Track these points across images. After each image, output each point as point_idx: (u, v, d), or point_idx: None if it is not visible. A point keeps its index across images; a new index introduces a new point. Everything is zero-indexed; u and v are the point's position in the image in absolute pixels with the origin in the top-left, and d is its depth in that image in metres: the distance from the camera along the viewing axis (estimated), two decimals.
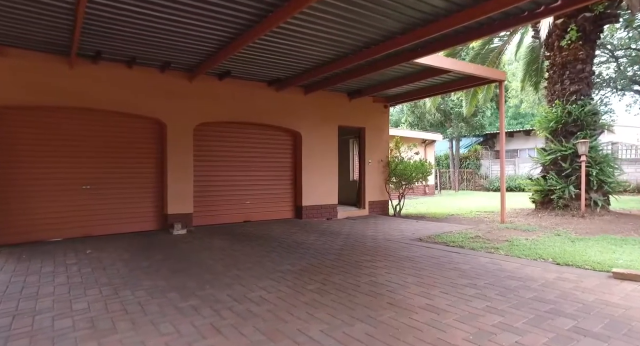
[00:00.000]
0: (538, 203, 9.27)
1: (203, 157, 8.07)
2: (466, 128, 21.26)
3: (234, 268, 4.70)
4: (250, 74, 7.91)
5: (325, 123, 9.60)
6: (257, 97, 8.51)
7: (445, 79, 8.67)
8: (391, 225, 8.36)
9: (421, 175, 10.21)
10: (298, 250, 5.81)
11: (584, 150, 8.07)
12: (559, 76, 9.11)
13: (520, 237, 6.47)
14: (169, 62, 6.75)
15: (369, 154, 10.45)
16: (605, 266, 4.44)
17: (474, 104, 13.21)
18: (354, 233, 7.31)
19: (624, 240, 6.10)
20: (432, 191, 19.73)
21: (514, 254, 5.22)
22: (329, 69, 7.15)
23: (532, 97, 17.03)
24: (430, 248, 5.84)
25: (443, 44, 6.01)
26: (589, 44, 8.89)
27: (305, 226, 8.29)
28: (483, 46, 12.18)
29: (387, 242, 6.37)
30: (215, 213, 8.23)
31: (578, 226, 7.48)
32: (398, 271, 4.50)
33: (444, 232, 7.19)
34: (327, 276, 4.33)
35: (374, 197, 10.49)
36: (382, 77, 8.51)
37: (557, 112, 8.88)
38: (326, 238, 6.84)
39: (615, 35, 14.19)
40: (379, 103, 10.68)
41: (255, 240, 6.58)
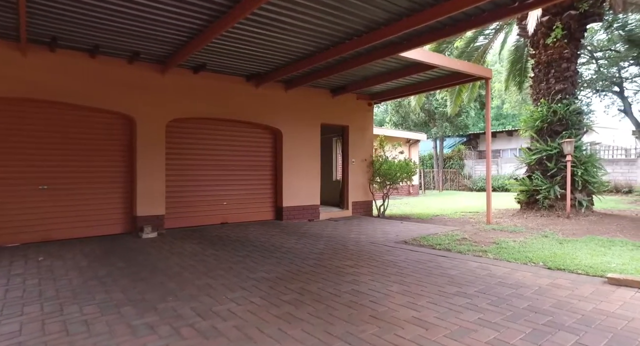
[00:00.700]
0: (523, 203, 9.13)
1: (177, 155, 7.58)
2: (450, 128, 21.24)
3: (203, 275, 4.28)
4: (228, 68, 7.46)
5: (307, 121, 9.23)
6: (235, 92, 8.07)
7: (431, 75, 8.43)
8: (375, 227, 8.05)
9: (406, 175, 9.96)
10: (276, 254, 5.42)
11: (569, 150, 7.95)
12: (545, 75, 8.99)
13: (508, 239, 6.25)
14: (137, 53, 6.24)
15: (352, 153, 10.14)
16: (599, 271, 4.21)
17: (458, 104, 13.07)
18: (336, 236, 6.97)
19: (611, 242, 5.95)
20: (417, 191, 19.62)
21: (503, 258, 4.97)
22: (310, 63, 6.79)
23: (516, 97, 17.09)
24: (416, 251, 5.54)
25: (429, 36, 5.72)
26: (573, 42, 8.80)
27: (285, 228, 7.90)
28: (467, 45, 12.05)
29: (370, 245, 6.05)
30: (190, 214, 7.75)
31: (564, 227, 7.33)
32: (382, 278, 4.17)
33: (430, 234, 6.92)
34: (305, 284, 3.96)
35: (357, 197, 10.18)
36: (366, 72, 8.20)
37: (542, 111, 8.76)
38: (306, 241, 6.46)
39: (594, 37, 14.31)
40: (363, 101, 10.38)
41: (231, 244, 6.15)
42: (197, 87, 7.53)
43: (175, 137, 7.55)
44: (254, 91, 8.34)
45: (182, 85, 7.33)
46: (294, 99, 8.98)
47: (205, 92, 7.67)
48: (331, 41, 6.04)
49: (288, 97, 8.88)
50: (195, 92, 7.51)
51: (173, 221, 7.43)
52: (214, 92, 7.79)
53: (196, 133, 7.90)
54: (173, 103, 7.22)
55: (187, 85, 7.40)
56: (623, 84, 14.63)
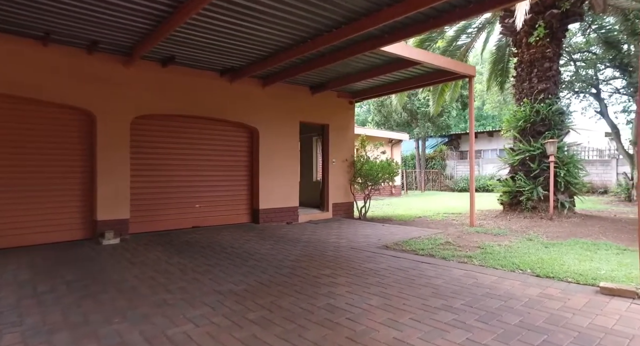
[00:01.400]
0: (506, 204, 8.98)
1: (144, 155, 7.04)
2: (432, 128, 21.20)
3: (163, 289, 3.82)
4: (199, 61, 6.97)
5: (285, 119, 8.82)
6: (208, 88, 7.58)
7: (414, 73, 8.16)
8: (356, 230, 7.71)
9: (388, 175, 9.68)
10: (248, 262, 5.00)
11: (552, 150, 7.82)
12: (527, 74, 8.87)
13: (492, 243, 6.01)
14: (96, 42, 5.69)
15: (333, 153, 9.78)
16: (589, 279, 3.98)
17: (441, 103, 12.91)
18: (314, 240, 6.59)
19: (596, 245, 5.79)
20: (399, 191, 19.46)
21: (489, 264, 4.69)
22: (286, 57, 6.38)
23: (497, 98, 17.14)
24: (398, 258, 5.21)
25: (412, 29, 5.41)
26: (555, 41, 8.70)
27: (261, 232, 7.47)
28: (450, 44, 11.89)
29: (350, 251, 5.69)
30: (158, 218, 7.22)
31: (548, 229, 7.17)
32: (361, 289, 3.81)
33: (412, 238, 6.62)
34: (276, 298, 3.56)
35: (338, 198, 9.83)
36: (347, 69, 7.85)
37: (526, 111, 8.62)
38: (283, 246, 6.06)
39: (572, 39, 14.42)
40: (343, 99, 10.03)
41: (200, 251, 5.69)
42: (165, 82, 7.01)
43: (142, 135, 7.00)
44: (228, 87, 7.87)
45: (149, 80, 6.79)
46: (272, 96, 8.55)
47: (175, 87, 7.15)
48: (309, 33, 5.66)
49: (265, 93, 8.45)
50: (163, 87, 6.99)
51: (139, 225, 6.89)
52: (185, 88, 7.28)
53: (165, 131, 7.37)
54: (139, 99, 6.68)
55: (154, 80, 6.87)
56: (599, 86, 14.80)
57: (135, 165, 6.86)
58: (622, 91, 15.14)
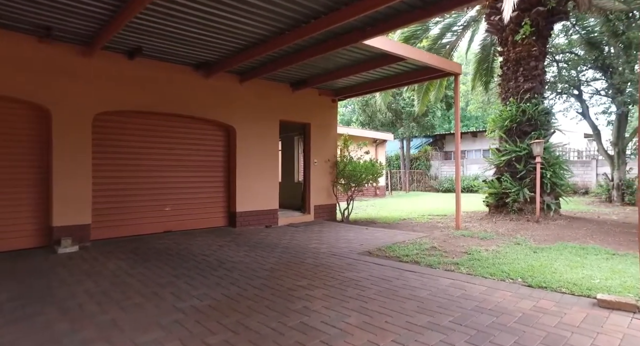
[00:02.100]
0: (492, 206, 8.78)
1: (109, 154, 6.51)
2: (417, 128, 21.07)
3: (115, 307, 3.36)
4: (171, 54, 6.49)
5: (264, 118, 8.39)
6: (181, 83, 7.09)
7: (398, 70, 7.85)
8: (338, 234, 7.35)
9: (371, 176, 9.36)
10: (218, 271, 4.57)
11: (539, 151, 7.64)
12: (513, 73, 8.68)
13: (479, 248, 5.73)
14: (48, 28, 5.14)
15: (315, 153, 9.40)
16: (584, 289, 3.71)
17: (426, 103, 12.70)
18: (293, 246, 6.19)
19: (585, 249, 5.58)
20: (383, 192, 19.23)
21: (478, 272, 4.39)
22: (264, 50, 5.97)
23: (481, 98, 17.10)
24: (381, 265, 4.87)
25: (395, 21, 5.08)
26: (541, 40, 8.55)
27: (238, 236, 7.03)
28: (434, 42, 11.66)
29: (330, 258, 5.32)
30: (126, 223, 6.70)
31: (535, 232, 6.97)
32: (340, 304, 3.44)
33: (396, 242, 6.30)
34: (243, 316, 3.15)
35: (320, 200, 9.45)
36: (329, 65, 7.48)
37: (512, 110, 8.43)
38: (258, 253, 5.64)
39: (555, 40, 14.42)
40: (326, 97, 9.67)
41: (168, 258, 5.22)
42: (133, 76, 6.50)
43: (108, 133, 6.47)
44: (203, 83, 7.39)
45: (113, 72, 6.27)
46: (250, 93, 8.11)
47: (145, 82, 6.65)
48: (287, 24, 5.26)
49: (243, 90, 8.00)
50: (131, 82, 6.47)
51: (103, 231, 6.36)
52: (156, 82, 6.78)
53: (135, 129, 6.85)
54: (102, 93, 6.14)
55: (120, 73, 6.34)
56: (581, 87, 14.87)
57: (99, 165, 6.32)
58: (603, 93, 15.27)
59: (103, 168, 6.39)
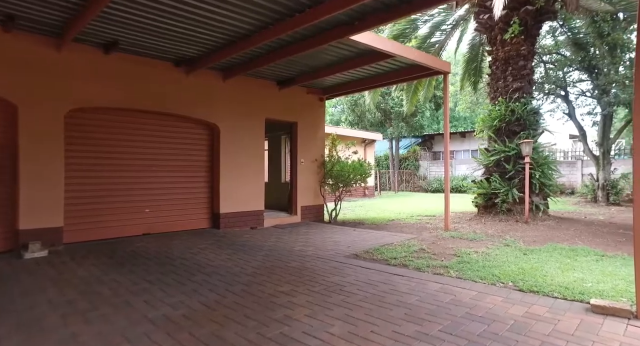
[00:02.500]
0: (481, 207, 8.69)
1: (85, 153, 6.19)
2: (406, 128, 21.02)
3: (79, 318, 3.10)
4: (149, 48, 6.20)
5: (249, 116, 8.14)
6: (162, 79, 6.81)
7: (387, 68, 7.69)
8: (324, 235, 7.16)
9: (360, 176, 9.18)
10: (196, 277, 4.33)
11: (528, 151, 7.56)
12: (502, 72, 8.62)
13: (469, 250, 5.60)
14: (11, 16, 4.81)
15: (302, 153, 9.19)
16: (576, 293, 3.58)
17: (415, 102, 12.60)
18: (278, 248, 5.97)
19: (574, 251, 5.49)
20: (372, 192, 19.12)
21: (468, 276, 4.24)
22: (248, 45, 5.74)
23: (470, 98, 17.12)
24: (368, 269, 4.68)
25: (384, 16, 4.91)
26: (530, 39, 8.50)
27: (221, 239, 6.78)
28: (423, 41, 11.57)
29: (315, 261, 5.12)
30: (102, 225, 6.38)
31: (524, 233, 6.88)
32: (323, 312, 3.24)
33: (384, 244, 6.13)
34: (219, 327, 2.93)
35: (307, 201, 9.25)
36: (316, 62, 7.28)
37: (501, 110, 8.35)
38: (241, 256, 5.41)
39: (541, 41, 14.49)
40: (313, 96, 9.47)
41: (145, 263, 4.95)
42: (109, 71, 6.20)
43: (80, 130, 6.16)
44: (184, 79, 7.12)
45: (87, 67, 5.95)
46: (234, 90, 7.86)
47: (123, 78, 6.35)
48: (271, 17, 5.05)
49: (227, 87, 7.75)
50: (107, 77, 6.17)
51: (78, 234, 6.04)
52: (135, 78, 6.49)
53: (111, 127, 6.54)
54: (75, 89, 5.83)
55: (95, 68, 6.04)
56: (567, 88, 14.97)
57: (74, 164, 6.01)
58: (588, 94, 15.41)
59: (77, 168, 6.07)
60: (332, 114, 38.99)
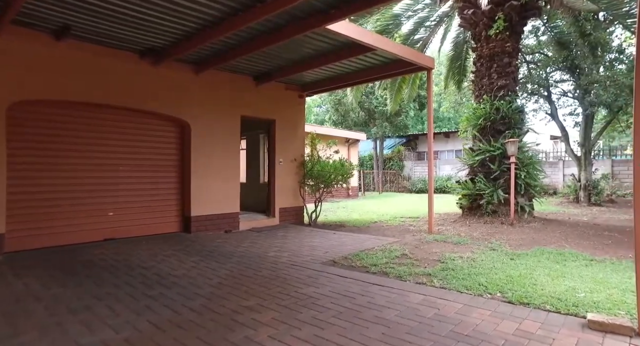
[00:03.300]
0: (466, 208, 8.42)
1: (33, 151, 5.62)
2: (390, 128, 20.78)
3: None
4: (108, 36, 5.67)
5: (224, 113, 7.66)
6: (124, 71, 6.28)
7: (368, 63, 7.33)
8: (302, 239, 6.74)
9: (341, 176, 8.80)
10: (153, 290, 3.86)
11: (513, 151, 7.32)
12: (487, 69, 8.37)
13: (454, 255, 5.27)
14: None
15: (280, 152, 8.76)
16: (570, 305, 3.26)
17: (399, 101, 12.31)
18: (250, 254, 5.53)
19: (562, 255, 5.23)
20: (356, 193, 18.80)
21: (452, 286, 3.89)
22: (217, 33, 5.28)
23: (454, 98, 17.00)
24: (345, 278, 4.29)
25: (361, 3, 4.52)
26: (515, 36, 8.29)
27: (191, 244, 6.29)
28: (407, 38, 11.29)
29: (289, 269, 4.70)
30: (56, 230, 5.81)
31: (510, 236, 6.62)
32: (290, 331, 2.82)
33: (365, 249, 5.76)
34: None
35: (286, 202, 8.81)
36: (293, 55, 6.87)
37: (486, 108, 8.10)
38: (209, 263, 4.95)
39: (525, 41, 14.42)
40: (293, 92, 9.04)
41: (98, 274, 4.44)
42: (62, 60, 5.64)
43: (31, 126, 5.59)
44: (151, 72, 6.60)
45: (33, 55, 5.37)
46: (207, 85, 7.37)
47: (78, 68, 5.80)
48: (241, 3, 4.61)
49: (199, 82, 7.25)
50: (59, 67, 5.61)
51: (24, 241, 5.46)
52: (92, 69, 5.94)
53: (67, 122, 5.97)
54: (17, 79, 5.24)
55: (44, 55, 5.46)
56: (550, 88, 14.95)
57: (19, 163, 5.43)
58: (570, 94, 15.45)
59: (24, 167, 5.49)
60: (317, 114, 38.64)
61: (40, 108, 5.65)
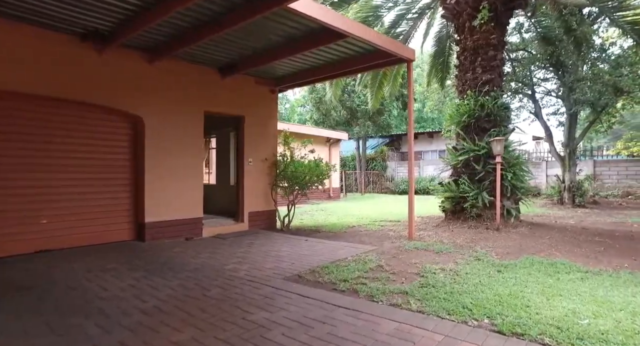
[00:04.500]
0: (449, 212, 7.87)
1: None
2: (373, 127, 20.24)
3: None
4: (38, 14, 4.86)
5: (184, 107, 6.90)
6: (62, 57, 5.47)
7: (344, 53, 6.69)
8: (269, 248, 6.05)
9: (316, 178, 8.13)
10: (71, 318, 3.11)
11: (499, 150, 6.79)
12: (471, 63, 7.84)
13: (435, 266, 4.67)
14: None
15: (250, 151, 8.04)
16: (574, 338, 2.67)
17: (380, 98, 11.74)
18: (206, 267, 4.81)
19: (554, 266, 4.69)
20: (338, 194, 18.18)
21: (432, 309, 3.26)
22: (162, 12, 4.54)
23: (437, 96, 16.56)
24: (307, 298, 3.62)
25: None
26: (500, 27, 7.78)
27: (140, 255, 5.53)
28: (388, 31, 10.71)
29: (244, 286, 4.01)
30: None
31: (496, 243, 6.07)
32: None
33: (337, 260, 5.11)
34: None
35: (256, 206, 8.10)
36: (259, 43, 6.17)
37: (470, 104, 7.56)
38: (152, 281, 4.21)
39: (508, 39, 14.06)
40: (264, 87, 8.33)
41: (5, 298, 3.65)
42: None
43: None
44: (95, 59, 5.79)
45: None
46: (164, 77, 6.61)
47: (7, 52, 4.97)
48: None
49: (155, 72, 6.48)
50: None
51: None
52: (19, 53, 5.11)
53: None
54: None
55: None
56: (534, 87, 14.64)
57: None
58: (553, 93, 15.20)
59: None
60: (301, 114, 37.97)
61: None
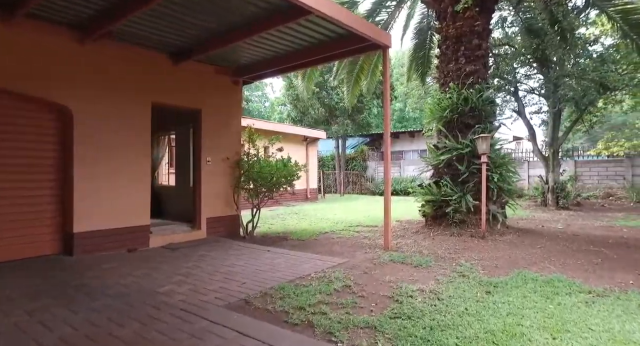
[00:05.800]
0: (429, 217, 7.14)
1: None
2: (352, 126, 19.48)
3: None
4: None
5: (126, 97, 5.93)
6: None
7: (314, 38, 5.86)
8: (223, 262, 5.16)
9: (284, 179, 7.27)
10: None
11: (485, 148, 6.10)
12: (453, 52, 7.13)
13: (412, 287, 3.88)
14: None
15: (209, 149, 7.12)
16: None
17: (356, 94, 10.97)
18: (133, 291, 3.89)
19: (551, 285, 3.98)
20: (315, 196, 17.35)
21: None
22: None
23: (418, 92, 15.95)
24: (247, 337, 2.76)
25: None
26: (485, 13, 7.11)
27: (59, 274, 4.55)
28: (366, 19, 9.94)
29: (172, 319, 3.12)
30: None
31: (482, 254, 5.34)
32: None
33: (298, 278, 4.28)
34: None
35: (215, 211, 7.18)
36: (214, 22, 5.29)
37: (452, 98, 6.85)
38: (53, 313, 3.27)
39: (492, 34, 13.53)
40: (225, 77, 7.42)
41: None
42: None
43: None
44: (6, 36, 4.77)
45: None
46: (99, 61, 5.62)
47: None
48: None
49: (88, 55, 5.49)
50: None
51: None
52: None
53: None
54: None
55: None
56: (517, 84, 14.17)
57: None
58: (537, 91, 14.80)
59: None
60: (281, 112, 36.97)
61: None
